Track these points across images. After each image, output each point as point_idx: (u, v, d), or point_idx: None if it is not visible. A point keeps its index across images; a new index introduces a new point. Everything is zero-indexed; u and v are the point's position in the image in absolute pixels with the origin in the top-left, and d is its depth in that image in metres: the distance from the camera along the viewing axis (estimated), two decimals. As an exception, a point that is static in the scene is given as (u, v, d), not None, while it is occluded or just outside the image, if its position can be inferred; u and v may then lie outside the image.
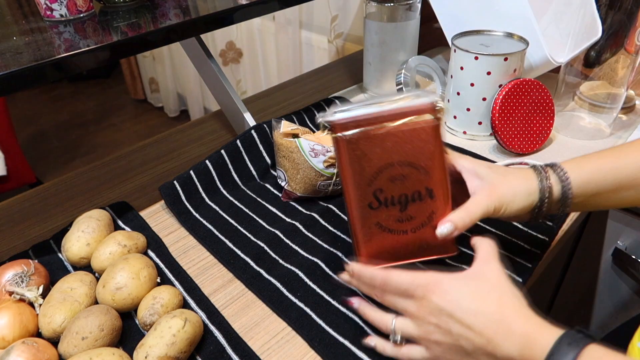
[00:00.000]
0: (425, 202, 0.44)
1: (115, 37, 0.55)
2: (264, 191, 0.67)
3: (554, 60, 0.73)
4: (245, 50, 1.89)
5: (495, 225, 0.58)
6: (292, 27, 1.57)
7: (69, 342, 0.44)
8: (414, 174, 0.44)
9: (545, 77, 0.86)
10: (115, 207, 0.64)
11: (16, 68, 0.46)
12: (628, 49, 0.68)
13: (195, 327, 0.45)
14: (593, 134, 0.74)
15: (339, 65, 1.11)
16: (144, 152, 0.80)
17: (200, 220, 0.62)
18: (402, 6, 0.80)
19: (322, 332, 0.47)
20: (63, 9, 0.58)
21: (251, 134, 0.71)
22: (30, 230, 0.63)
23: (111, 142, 2.48)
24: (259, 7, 0.67)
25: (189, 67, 2.16)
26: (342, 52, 1.48)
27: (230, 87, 0.76)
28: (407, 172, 0.43)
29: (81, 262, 0.54)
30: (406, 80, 0.80)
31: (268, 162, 0.71)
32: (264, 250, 0.57)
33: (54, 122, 2.67)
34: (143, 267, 0.50)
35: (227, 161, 0.68)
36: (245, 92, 2.01)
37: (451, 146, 0.74)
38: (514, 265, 0.53)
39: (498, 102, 0.67)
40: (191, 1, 0.68)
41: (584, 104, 0.76)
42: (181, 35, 0.61)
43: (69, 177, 0.74)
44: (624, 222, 0.71)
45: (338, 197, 0.65)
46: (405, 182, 0.44)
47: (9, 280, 0.49)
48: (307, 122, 0.82)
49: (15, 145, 1.83)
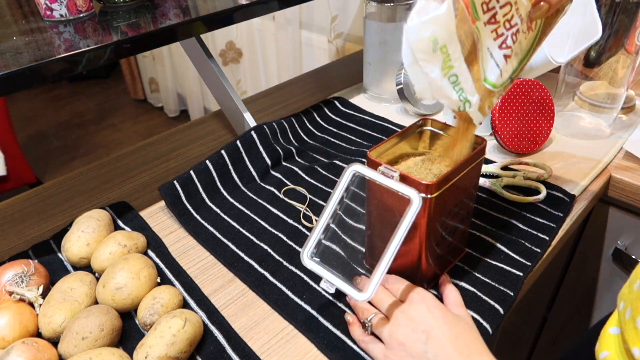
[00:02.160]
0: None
1: (115, 37, 0.55)
2: (265, 192, 0.67)
3: (554, 60, 0.73)
4: (245, 50, 1.89)
5: (495, 223, 0.58)
6: (292, 27, 1.57)
7: (69, 342, 0.44)
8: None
9: (545, 77, 0.86)
10: (115, 207, 0.64)
11: (16, 68, 0.46)
12: (628, 49, 0.68)
13: (195, 327, 0.45)
14: (593, 134, 0.74)
15: (339, 65, 1.11)
16: (144, 152, 0.80)
17: (202, 223, 0.62)
18: (402, 6, 0.80)
19: (330, 334, 0.47)
20: (63, 9, 0.58)
21: (251, 134, 0.71)
22: (30, 230, 0.63)
23: (111, 142, 2.48)
24: (259, 7, 0.67)
25: (189, 67, 2.17)
26: (342, 52, 1.48)
27: (230, 87, 0.76)
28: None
29: (81, 262, 0.54)
30: (406, 81, 0.80)
31: (268, 163, 0.71)
32: (267, 253, 0.57)
33: (54, 122, 2.67)
34: (143, 267, 0.50)
35: (227, 162, 0.68)
36: (245, 92, 2.01)
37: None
38: (513, 263, 0.53)
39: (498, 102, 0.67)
40: (191, 1, 0.68)
41: (584, 104, 0.76)
42: (181, 35, 0.61)
43: (69, 177, 0.74)
44: (624, 222, 0.71)
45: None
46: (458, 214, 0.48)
47: (9, 280, 0.49)
48: (306, 123, 0.82)
49: (15, 145, 1.83)
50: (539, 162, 0.67)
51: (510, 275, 0.51)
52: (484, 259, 0.54)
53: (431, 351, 0.40)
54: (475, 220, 0.59)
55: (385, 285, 0.47)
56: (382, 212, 0.46)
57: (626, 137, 0.73)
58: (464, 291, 0.50)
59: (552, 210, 0.60)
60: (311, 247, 0.44)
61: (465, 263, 0.53)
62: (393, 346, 0.41)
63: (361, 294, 0.40)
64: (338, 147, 0.77)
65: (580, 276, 0.81)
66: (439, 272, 0.51)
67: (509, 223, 0.59)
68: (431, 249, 0.46)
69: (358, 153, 0.74)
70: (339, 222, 0.46)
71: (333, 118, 0.85)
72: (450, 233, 0.49)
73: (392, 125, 0.81)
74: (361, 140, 0.78)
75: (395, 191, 0.41)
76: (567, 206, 0.60)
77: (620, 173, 0.66)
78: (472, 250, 0.55)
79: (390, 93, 0.87)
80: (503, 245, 0.55)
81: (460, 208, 0.48)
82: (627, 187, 0.66)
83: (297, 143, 0.78)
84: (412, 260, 0.47)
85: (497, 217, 0.60)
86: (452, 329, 0.41)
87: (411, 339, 0.41)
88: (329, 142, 0.79)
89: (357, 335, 0.45)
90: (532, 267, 0.52)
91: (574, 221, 0.60)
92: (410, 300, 0.43)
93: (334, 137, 0.80)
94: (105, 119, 2.70)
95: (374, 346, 0.43)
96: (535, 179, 0.64)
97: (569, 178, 0.65)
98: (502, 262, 0.53)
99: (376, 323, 0.44)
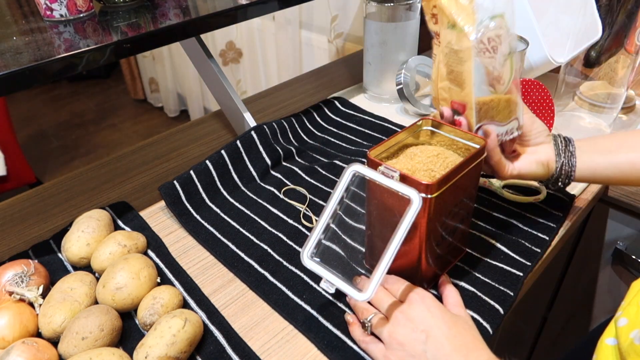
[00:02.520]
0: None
1: (115, 37, 0.55)
2: (265, 192, 0.67)
3: (554, 60, 0.73)
4: (245, 50, 1.89)
5: (495, 223, 0.58)
6: (292, 27, 1.57)
7: (69, 342, 0.44)
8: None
9: (545, 77, 0.86)
10: (115, 207, 0.64)
11: (16, 68, 0.46)
12: (628, 49, 0.68)
13: (195, 327, 0.45)
14: (593, 134, 0.74)
15: (339, 65, 1.11)
16: (144, 152, 0.80)
17: (202, 223, 0.62)
18: (402, 6, 0.80)
19: (329, 334, 0.47)
20: (63, 9, 0.58)
21: (251, 134, 0.71)
22: (30, 230, 0.63)
23: (111, 142, 2.48)
24: (259, 7, 0.67)
25: (189, 67, 2.16)
26: (342, 52, 1.48)
27: (230, 87, 0.76)
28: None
29: (81, 262, 0.54)
30: (406, 80, 0.80)
31: (268, 163, 0.71)
32: (267, 253, 0.57)
33: (54, 122, 2.67)
34: (143, 267, 0.50)
35: (227, 162, 0.68)
36: (245, 92, 2.01)
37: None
38: (513, 264, 0.53)
39: (498, 102, 0.67)
40: (191, 1, 0.68)
41: (584, 104, 0.76)
42: (181, 35, 0.61)
43: (69, 177, 0.74)
44: (624, 222, 0.71)
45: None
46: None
47: (9, 280, 0.49)
48: (306, 124, 0.82)
49: (15, 145, 1.83)
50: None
51: (511, 276, 0.51)
52: (484, 259, 0.54)
53: (430, 351, 0.40)
54: (475, 220, 0.59)
55: (385, 285, 0.47)
56: (382, 212, 0.46)
57: (626, 137, 0.73)
58: (464, 291, 0.50)
59: (552, 210, 0.60)
60: (311, 247, 0.44)
61: (465, 263, 0.53)
62: (393, 346, 0.42)
63: (361, 294, 0.40)
64: (338, 147, 0.77)
65: (580, 276, 0.81)
66: (439, 272, 0.51)
67: (509, 223, 0.59)
68: (431, 249, 0.46)
69: (358, 153, 0.74)
70: (339, 222, 0.46)
71: (333, 118, 0.85)
72: (451, 233, 0.49)
73: (392, 125, 0.81)
74: (361, 140, 0.78)
75: (395, 191, 0.42)
76: (567, 206, 0.60)
77: (620, 173, 0.66)
78: (472, 251, 0.55)
79: (390, 93, 0.87)
80: (503, 245, 0.55)
81: (461, 208, 0.48)
82: (627, 187, 0.66)
83: (297, 143, 0.78)
84: (412, 260, 0.47)
85: (497, 217, 0.60)
86: (451, 329, 0.41)
87: (410, 338, 0.41)
88: (329, 142, 0.79)
89: (357, 336, 0.45)
90: (532, 267, 0.52)
91: (574, 221, 0.60)
92: (409, 301, 0.43)
93: (334, 137, 0.80)
94: (105, 119, 2.70)
95: (374, 346, 0.43)
96: None
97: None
98: (502, 262, 0.53)
99: (376, 323, 0.44)
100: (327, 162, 0.71)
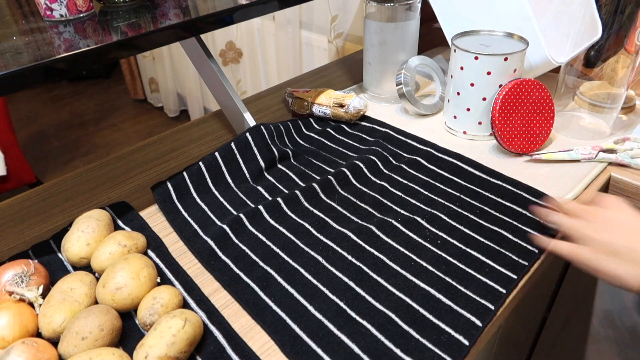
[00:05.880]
0: None
1: (115, 37, 0.55)
2: (255, 193, 0.66)
3: (554, 60, 0.73)
4: (245, 50, 1.89)
5: (494, 222, 0.58)
6: (292, 27, 1.57)
7: (69, 342, 0.44)
8: None
9: (545, 77, 0.86)
10: (115, 207, 0.64)
11: (16, 68, 0.46)
12: (628, 49, 0.68)
13: (195, 327, 0.45)
14: (593, 134, 0.74)
15: (339, 65, 1.11)
16: (144, 152, 0.80)
17: (187, 220, 0.62)
18: (402, 6, 0.80)
19: (295, 338, 0.46)
20: (63, 9, 0.58)
21: (246, 136, 0.71)
22: (30, 230, 0.63)
23: (111, 142, 2.48)
24: (259, 7, 0.67)
25: (189, 67, 2.17)
26: (342, 52, 1.48)
27: (230, 87, 0.76)
28: None
29: (81, 262, 0.54)
30: (406, 80, 0.80)
31: (262, 166, 0.71)
32: (244, 253, 0.56)
33: (54, 122, 2.68)
34: (143, 267, 0.50)
35: (220, 164, 0.68)
36: (245, 92, 2.02)
37: (452, 146, 0.74)
38: (512, 262, 0.53)
39: (498, 102, 0.67)
40: (191, 1, 0.68)
41: (584, 104, 0.76)
42: (181, 35, 0.61)
43: (69, 177, 0.74)
44: (624, 222, 0.71)
45: (325, 204, 0.65)
46: None
47: (9, 280, 0.49)
48: (302, 127, 0.82)
49: (15, 145, 1.83)
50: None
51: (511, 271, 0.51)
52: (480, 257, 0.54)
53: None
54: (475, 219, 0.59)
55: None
56: None
57: (626, 137, 0.73)
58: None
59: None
60: None
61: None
62: (598, 244, 0.47)
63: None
64: (335, 151, 0.76)
65: (580, 276, 0.81)
66: None
67: (506, 222, 0.58)
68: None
69: (355, 158, 0.74)
70: None
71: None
72: None
73: (391, 130, 0.80)
74: (358, 145, 0.77)
75: None
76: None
77: (620, 173, 0.66)
78: (471, 248, 0.55)
79: (390, 93, 0.87)
80: (500, 244, 0.55)
81: None
82: (627, 187, 0.66)
83: (292, 146, 0.77)
84: None
85: (498, 217, 0.60)
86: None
87: (613, 236, 0.46)
88: (325, 145, 0.78)
89: (566, 248, 0.50)
90: (529, 267, 0.52)
91: (574, 221, 0.60)
92: (605, 208, 0.50)
93: (330, 141, 0.79)
94: (105, 119, 2.70)
95: (582, 250, 0.48)
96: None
97: (568, 178, 0.65)
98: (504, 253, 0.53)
99: (580, 230, 0.49)
100: (321, 168, 0.71)
